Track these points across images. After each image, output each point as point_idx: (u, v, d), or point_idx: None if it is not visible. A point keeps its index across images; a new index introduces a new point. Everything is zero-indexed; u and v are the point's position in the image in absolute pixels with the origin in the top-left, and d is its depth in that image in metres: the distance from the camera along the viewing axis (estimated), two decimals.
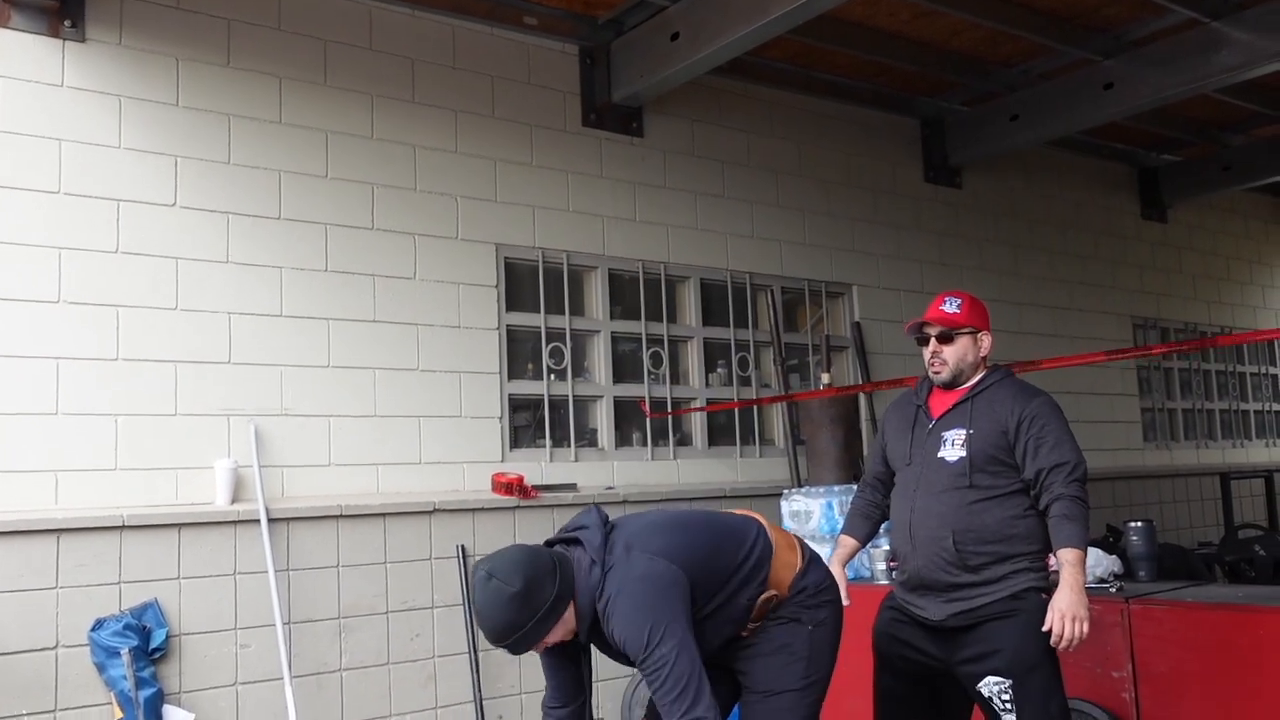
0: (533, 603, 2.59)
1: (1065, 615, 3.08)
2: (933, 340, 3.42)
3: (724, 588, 2.79)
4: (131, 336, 4.53)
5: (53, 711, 4.14)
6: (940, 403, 3.46)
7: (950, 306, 3.43)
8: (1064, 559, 3.13)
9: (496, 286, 5.61)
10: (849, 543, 3.69)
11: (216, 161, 4.83)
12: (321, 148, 5.11)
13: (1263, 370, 10.62)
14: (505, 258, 5.69)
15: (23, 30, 4.44)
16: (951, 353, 3.39)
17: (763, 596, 2.84)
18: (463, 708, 5.06)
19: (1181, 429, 9.64)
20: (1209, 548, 7.82)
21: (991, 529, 3.25)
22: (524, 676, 5.20)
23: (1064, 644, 3.10)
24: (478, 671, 5.09)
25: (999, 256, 8.08)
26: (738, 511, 3.08)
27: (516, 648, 2.65)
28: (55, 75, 4.50)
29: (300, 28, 5.13)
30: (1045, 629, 3.11)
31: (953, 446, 3.33)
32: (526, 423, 5.80)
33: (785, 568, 2.90)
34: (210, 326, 4.72)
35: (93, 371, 4.43)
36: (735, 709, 3.01)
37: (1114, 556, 4.57)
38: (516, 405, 5.72)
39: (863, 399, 6.91)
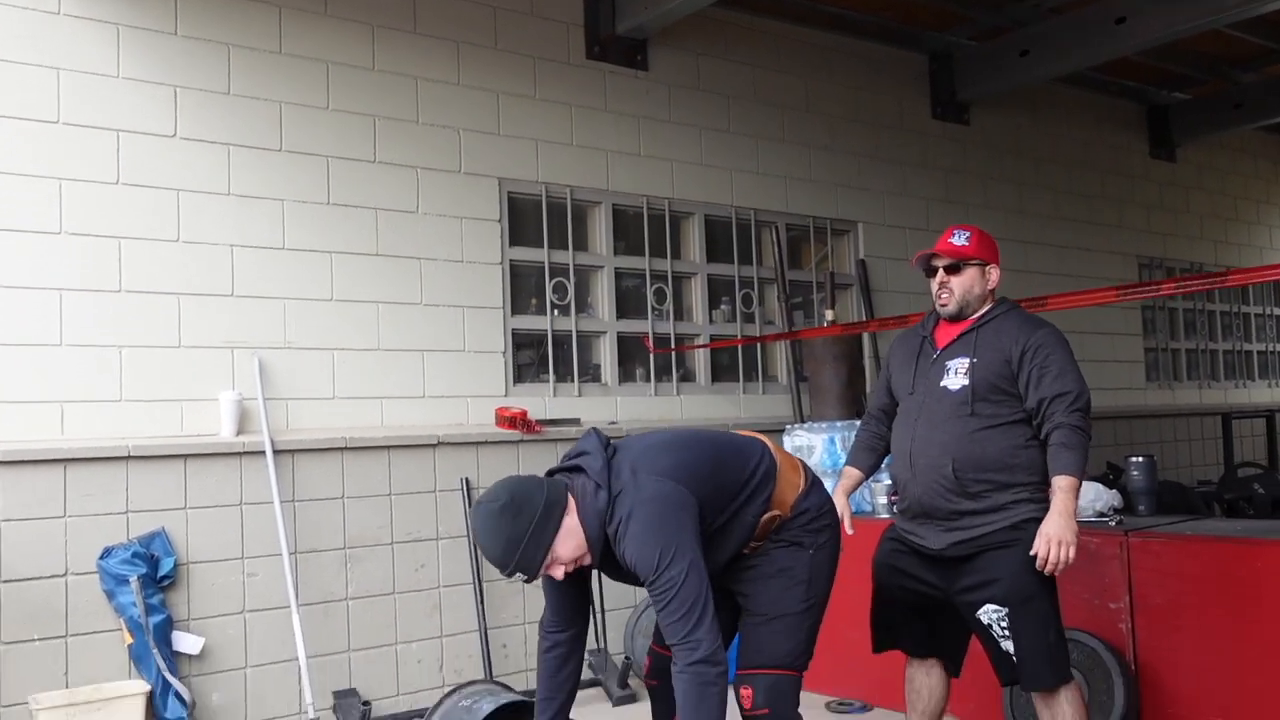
0: (523, 512, 2.60)
1: (1051, 539, 3.11)
2: (940, 271, 3.42)
3: (730, 505, 2.81)
4: (134, 268, 4.52)
5: (64, 637, 4.20)
6: (946, 334, 3.46)
7: (959, 239, 3.42)
8: (1057, 485, 3.16)
9: (500, 221, 5.59)
10: (853, 474, 3.72)
11: (216, 92, 4.78)
12: (322, 79, 5.06)
13: (1267, 311, 10.59)
14: (508, 192, 5.65)
15: None
16: (959, 284, 3.39)
17: (766, 515, 2.86)
18: (468, 637, 5.12)
19: (1184, 369, 9.65)
20: (1208, 486, 7.87)
21: (992, 458, 3.27)
22: (527, 606, 5.26)
23: (1049, 568, 3.13)
24: (482, 601, 5.15)
25: (1005, 194, 8.03)
26: (742, 432, 3.09)
27: (526, 567, 2.65)
28: (51, 2, 4.43)
29: None
30: (1031, 553, 3.14)
31: (956, 375, 3.34)
32: (530, 360, 5.81)
33: (789, 488, 2.92)
34: (212, 259, 4.71)
35: (96, 303, 4.43)
36: (737, 636, 3.05)
37: (1114, 491, 4.60)
38: (520, 340, 5.72)
39: (866, 337, 6.91)
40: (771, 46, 6.74)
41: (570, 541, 2.68)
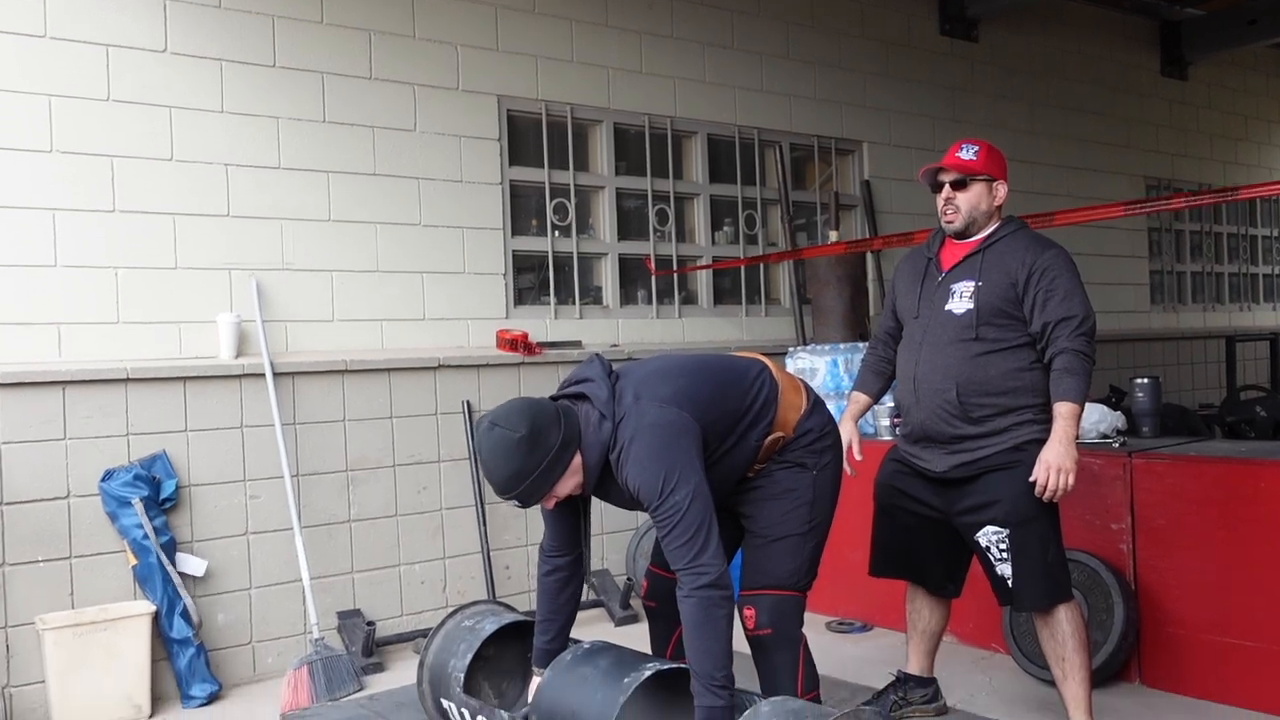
0: (539, 448, 2.58)
1: (1051, 466, 3.09)
2: (946, 187, 3.35)
3: (733, 429, 2.78)
4: (127, 188, 4.44)
5: (68, 558, 4.21)
6: (951, 255, 3.40)
7: (967, 153, 3.34)
8: (1058, 411, 3.13)
9: (499, 140, 5.49)
10: (861, 399, 3.69)
11: (208, 5, 4.65)
12: None
13: (1274, 233, 10.50)
14: (508, 110, 5.54)
15: None
16: (965, 200, 3.32)
17: (770, 438, 2.84)
18: (470, 558, 5.15)
19: (1189, 292, 9.59)
20: (1210, 409, 7.87)
21: (996, 381, 3.24)
22: (529, 528, 5.28)
23: (1047, 495, 3.12)
24: (484, 523, 5.17)
25: (1014, 113, 7.89)
26: (742, 354, 3.05)
27: (526, 497, 2.63)
28: None
29: None
30: (1031, 480, 3.13)
31: (960, 299, 3.29)
32: (531, 283, 5.75)
33: (791, 409, 2.89)
34: (207, 178, 4.63)
35: (89, 223, 4.36)
36: (738, 555, 3.05)
37: (1118, 413, 4.58)
38: (520, 263, 5.66)
39: (870, 258, 6.84)
40: None
41: (573, 479, 2.68)
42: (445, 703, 3.03)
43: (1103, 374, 7.96)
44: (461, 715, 2.97)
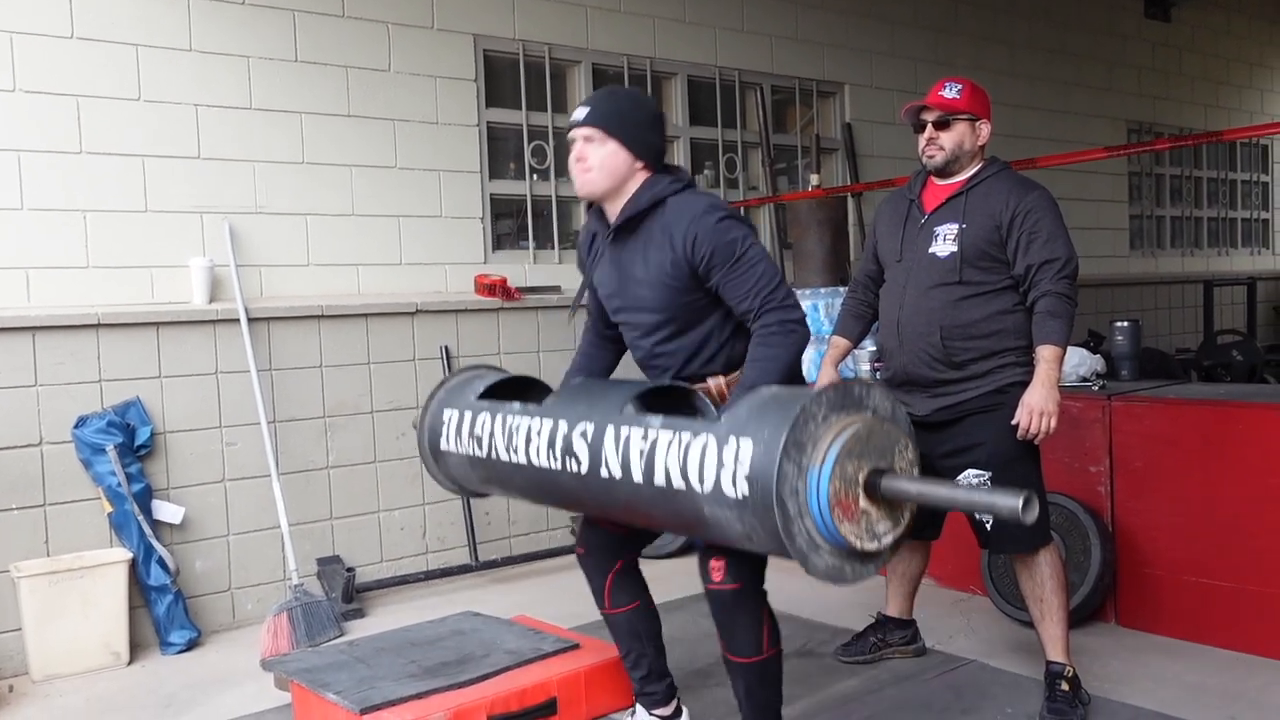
0: (643, 108, 2.82)
1: (1034, 410, 3.09)
2: (929, 126, 3.30)
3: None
4: (94, 129, 4.34)
5: (42, 506, 4.16)
6: (934, 196, 3.36)
7: (950, 91, 3.29)
8: (1041, 355, 3.12)
9: (475, 81, 5.39)
10: (841, 343, 3.67)
11: None
12: None
13: (1254, 177, 10.50)
14: (484, 50, 5.43)
15: None
16: (948, 139, 3.28)
17: (729, 377, 2.87)
18: (450, 504, 5.13)
19: (1169, 236, 9.60)
20: (1188, 354, 7.91)
21: (980, 325, 3.22)
22: None
23: (1029, 438, 3.12)
24: None
25: (996, 56, 7.82)
26: None
27: (595, 118, 2.75)
28: None
29: None
30: (1014, 422, 3.12)
31: (944, 241, 3.26)
32: (509, 229, 5.68)
33: None
34: (176, 119, 4.52)
35: (56, 165, 4.26)
36: None
37: (1097, 356, 4.58)
38: (499, 207, 5.59)
39: (851, 202, 6.80)
40: None
41: (618, 163, 2.77)
42: (448, 413, 2.98)
43: (1082, 318, 7.92)
44: (464, 423, 2.91)
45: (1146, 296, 9.09)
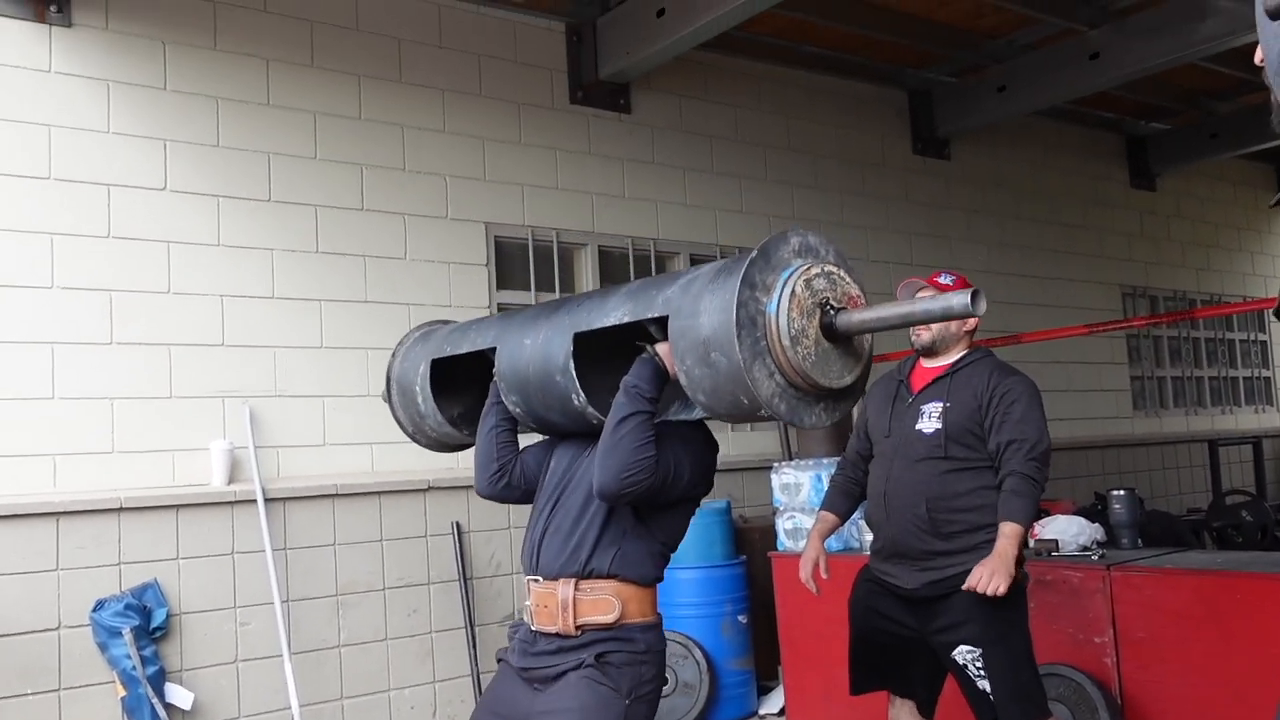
0: None
1: (985, 574, 3.14)
2: None
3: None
4: (125, 320, 4.57)
5: (56, 691, 4.21)
6: (921, 378, 3.52)
7: (944, 279, 3.50)
8: (1002, 530, 3.22)
9: (487, 265, 5.65)
10: (829, 518, 3.76)
11: (205, 145, 4.85)
12: (310, 129, 5.13)
13: (1251, 337, 10.68)
14: (495, 236, 5.72)
15: (6, 16, 4.44)
16: (938, 324, 3.45)
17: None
18: (460, 681, 5.14)
19: (1171, 396, 9.71)
20: (1197, 514, 7.90)
21: (964, 497, 3.33)
22: None
23: (978, 590, 3.13)
24: (475, 645, 5.17)
25: (987, 227, 8.12)
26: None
27: None
28: (42, 61, 4.51)
29: (286, 9, 5.13)
30: (965, 586, 3.18)
31: (930, 419, 3.40)
32: None
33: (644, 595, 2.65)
34: (203, 309, 4.76)
35: (87, 355, 4.48)
36: None
37: (1096, 525, 4.63)
38: None
39: None
40: (753, 87, 6.84)
41: None
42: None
43: (1088, 480, 8.04)
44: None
45: (1153, 457, 9.15)
